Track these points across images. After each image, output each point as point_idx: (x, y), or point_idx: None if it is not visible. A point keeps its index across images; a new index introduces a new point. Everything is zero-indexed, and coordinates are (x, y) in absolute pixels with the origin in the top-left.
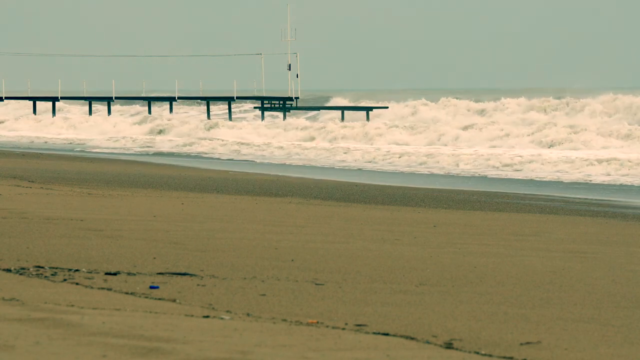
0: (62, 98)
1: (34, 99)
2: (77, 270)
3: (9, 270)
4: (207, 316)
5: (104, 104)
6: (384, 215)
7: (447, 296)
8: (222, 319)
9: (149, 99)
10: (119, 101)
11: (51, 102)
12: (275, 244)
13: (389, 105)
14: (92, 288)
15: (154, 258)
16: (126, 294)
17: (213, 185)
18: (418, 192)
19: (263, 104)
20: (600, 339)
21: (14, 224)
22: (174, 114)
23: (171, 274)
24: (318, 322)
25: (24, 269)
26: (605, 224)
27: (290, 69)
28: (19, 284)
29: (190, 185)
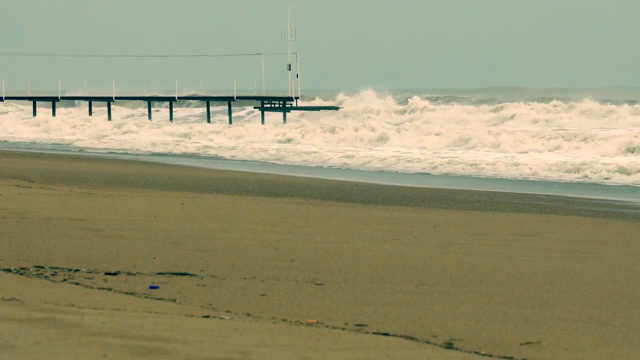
0: (62, 98)
1: (34, 99)
2: (77, 270)
3: (9, 270)
4: (207, 316)
5: (104, 104)
6: (384, 215)
7: (447, 296)
8: (222, 319)
9: (149, 99)
10: (119, 101)
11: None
12: (275, 244)
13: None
14: (92, 288)
15: (154, 258)
16: (126, 294)
17: (213, 185)
18: (418, 192)
19: (263, 104)
20: (600, 339)
21: (14, 224)
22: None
23: (171, 274)
24: (318, 322)
25: (24, 269)
26: (605, 224)
27: (290, 69)
28: (19, 284)
29: (190, 185)
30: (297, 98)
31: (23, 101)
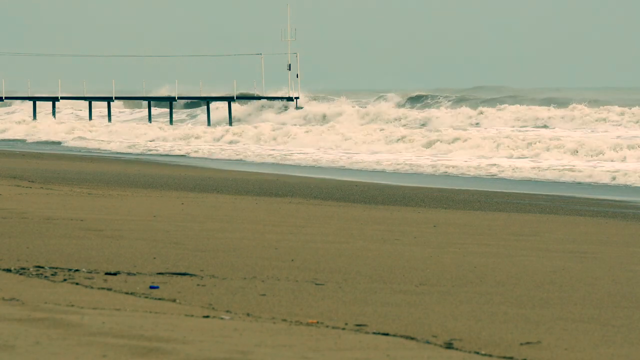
0: (62, 98)
1: (34, 99)
2: (77, 270)
3: (9, 270)
4: (207, 316)
5: (104, 103)
6: (384, 215)
7: (447, 296)
8: (222, 319)
9: (149, 99)
10: (119, 101)
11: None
12: (275, 244)
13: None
14: (92, 288)
15: (154, 258)
16: (126, 294)
17: (213, 185)
18: (418, 192)
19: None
20: (600, 339)
21: (14, 224)
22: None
23: (171, 274)
24: (318, 322)
25: (24, 269)
26: (605, 224)
27: (290, 69)
28: (19, 284)
29: (190, 185)
30: (297, 98)
31: (23, 101)
